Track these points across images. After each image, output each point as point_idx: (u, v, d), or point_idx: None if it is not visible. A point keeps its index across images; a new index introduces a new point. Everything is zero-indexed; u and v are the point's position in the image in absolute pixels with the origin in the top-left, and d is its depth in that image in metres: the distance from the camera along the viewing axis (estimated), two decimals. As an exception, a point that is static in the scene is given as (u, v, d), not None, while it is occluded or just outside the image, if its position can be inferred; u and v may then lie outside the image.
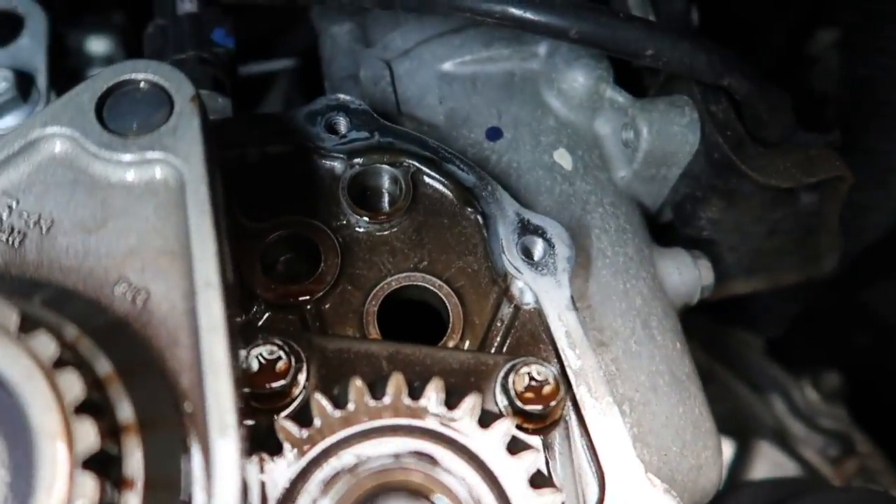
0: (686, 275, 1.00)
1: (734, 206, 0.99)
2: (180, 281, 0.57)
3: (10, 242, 0.58)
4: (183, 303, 0.57)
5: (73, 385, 0.45)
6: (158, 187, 0.61)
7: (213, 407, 0.51)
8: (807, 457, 1.40)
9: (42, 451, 0.43)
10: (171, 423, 0.51)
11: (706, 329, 1.46)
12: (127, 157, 0.61)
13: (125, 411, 0.48)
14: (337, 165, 0.87)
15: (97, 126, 0.62)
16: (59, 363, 0.46)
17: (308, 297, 0.79)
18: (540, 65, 1.03)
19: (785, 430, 1.44)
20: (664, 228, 1.15)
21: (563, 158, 0.98)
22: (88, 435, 0.44)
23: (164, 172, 0.61)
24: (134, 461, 0.46)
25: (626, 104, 0.98)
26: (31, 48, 1.00)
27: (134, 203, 0.61)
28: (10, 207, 0.59)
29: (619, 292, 0.91)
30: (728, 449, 1.43)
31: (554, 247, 0.82)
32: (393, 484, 0.54)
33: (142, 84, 0.65)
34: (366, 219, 0.83)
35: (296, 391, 0.69)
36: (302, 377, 0.69)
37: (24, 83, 0.96)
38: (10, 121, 0.95)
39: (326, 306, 0.79)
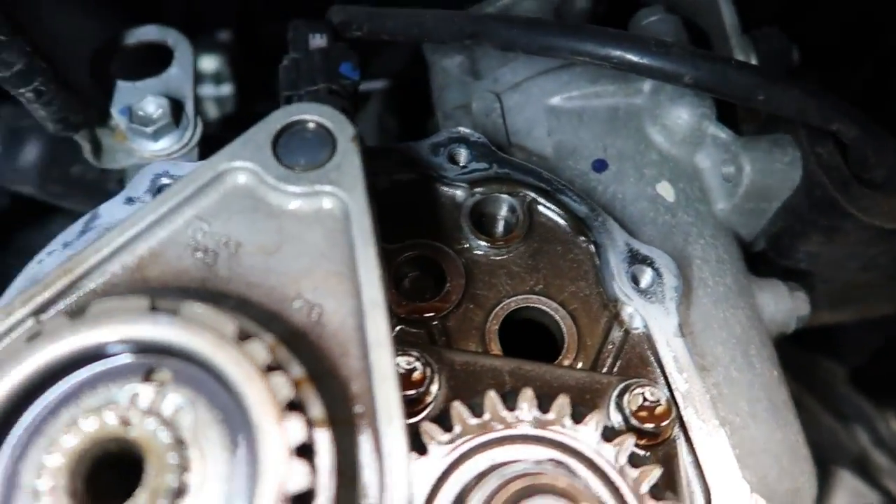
0: (783, 305, 1.04)
1: (832, 242, 1.03)
2: (348, 300, 0.65)
3: (206, 261, 0.67)
4: (352, 319, 0.65)
5: (283, 386, 0.53)
6: (325, 216, 0.70)
7: (382, 410, 0.59)
8: (890, 488, 1.40)
9: (263, 441, 0.51)
10: (348, 422, 0.59)
11: (793, 356, 1.48)
12: (299, 189, 0.70)
13: (316, 409, 0.56)
14: (458, 193, 0.94)
15: (273, 161, 0.71)
16: (270, 368, 0.54)
17: (434, 314, 0.87)
18: (644, 101, 1.08)
19: (868, 461, 1.45)
20: (756, 257, 1.19)
21: (665, 190, 1.03)
22: (297, 429, 0.52)
23: (330, 203, 0.70)
24: (325, 452, 0.54)
25: (728, 141, 1.03)
26: (180, 77, 1.12)
27: (305, 229, 0.69)
28: (202, 230, 0.69)
29: (720, 320, 0.96)
30: (809, 477, 1.44)
31: (662, 276, 0.88)
32: (541, 486, 0.60)
33: (309, 124, 0.73)
34: (486, 244, 0.91)
35: (428, 399, 0.77)
36: (434, 387, 0.77)
37: (175, 109, 1.07)
38: (164, 143, 1.06)
39: (451, 323, 0.86)
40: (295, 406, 0.54)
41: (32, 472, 0.52)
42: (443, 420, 0.71)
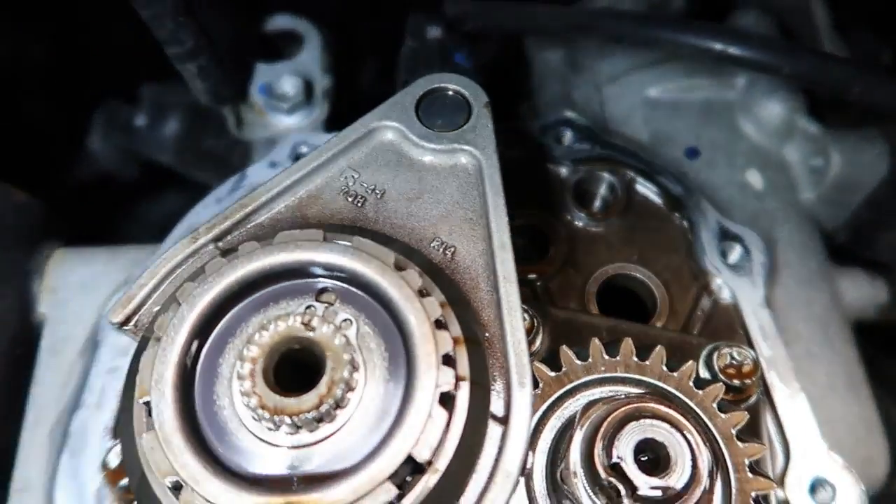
0: (862, 292, 1.10)
1: (916, 233, 1.08)
2: (479, 243, 0.75)
3: (356, 203, 0.78)
4: (481, 258, 0.75)
5: (434, 307, 0.64)
6: (460, 171, 0.80)
7: (510, 337, 0.69)
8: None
9: (420, 350, 0.61)
10: (480, 342, 0.69)
11: (868, 354, 1.51)
12: (438, 146, 0.80)
13: (455, 329, 0.66)
14: (563, 170, 1.04)
15: (416, 122, 0.82)
16: (422, 292, 0.65)
17: (538, 276, 0.96)
18: (737, 95, 1.15)
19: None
20: (837, 250, 1.24)
21: (754, 178, 1.11)
22: (445, 341, 0.62)
23: (465, 159, 0.80)
24: (464, 364, 0.64)
25: (818, 134, 1.10)
26: (310, 61, 1.25)
27: (442, 181, 0.80)
28: (353, 178, 0.80)
29: (802, 300, 1.02)
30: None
31: (750, 252, 0.95)
32: (645, 410, 0.69)
33: (449, 91, 0.84)
34: (587, 216, 1.00)
35: (534, 346, 0.86)
36: (539, 337, 0.86)
37: (307, 89, 1.20)
38: (296, 119, 1.19)
39: (552, 284, 0.96)
40: (440, 324, 0.64)
41: (231, 362, 0.64)
42: (552, 362, 0.81)
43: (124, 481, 0.80)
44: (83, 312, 0.94)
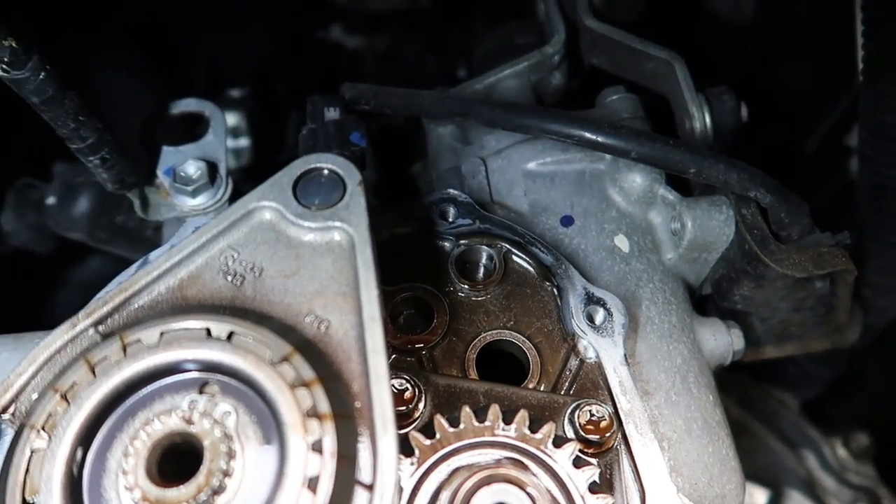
0: (721, 340, 1.23)
1: (762, 287, 1.21)
2: (351, 315, 0.83)
3: (234, 283, 0.85)
4: (353, 331, 0.82)
5: (306, 398, 0.72)
6: (335, 246, 0.88)
7: (377, 405, 0.77)
8: (836, 508, 1.56)
9: (292, 440, 0.69)
10: (349, 416, 0.77)
11: (747, 388, 1.66)
12: (314, 224, 0.88)
13: (324, 406, 0.73)
14: (447, 244, 1.14)
15: (293, 201, 0.89)
16: (293, 385, 0.73)
17: (423, 345, 1.05)
18: (606, 166, 1.28)
19: (816, 483, 1.61)
20: (704, 300, 1.38)
21: (621, 242, 1.23)
22: (315, 428, 0.70)
23: (339, 236, 0.88)
24: (331, 441, 0.72)
25: (674, 201, 1.23)
26: (214, 143, 1.32)
27: (318, 257, 0.87)
28: (233, 257, 0.87)
29: (664, 352, 1.14)
30: (762, 497, 1.61)
31: (612, 315, 1.07)
32: (498, 476, 0.78)
33: (324, 171, 0.92)
34: (468, 287, 1.10)
35: (416, 414, 0.95)
36: (421, 404, 0.95)
37: (211, 171, 1.27)
38: (201, 199, 1.26)
39: (437, 352, 1.05)
40: (310, 413, 0.72)
41: (118, 457, 0.70)
42: (428, 430, 0.90)
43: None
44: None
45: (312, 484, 0.69)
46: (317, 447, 0.70)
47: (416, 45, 2.28)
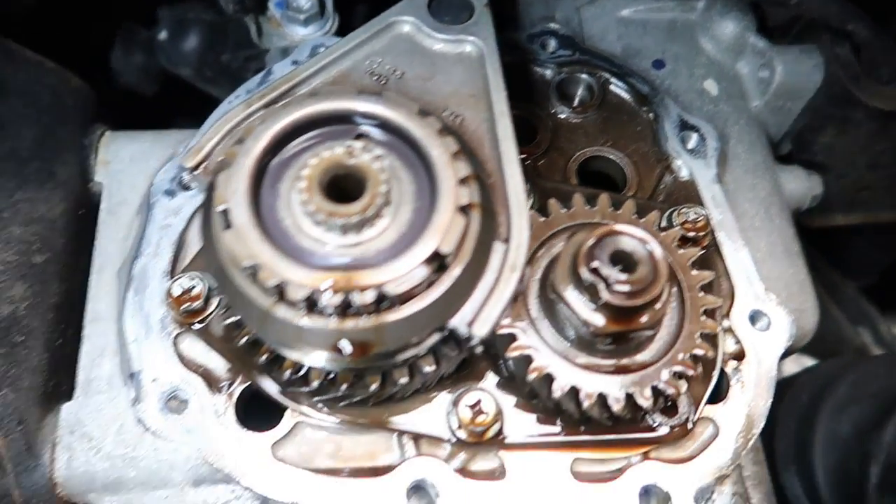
0: (800, 184, 1.29)
1: (845, 133, 1.27)
2: (482, 112, 0.92)
3: (380, 82, 0.94)
4: (484, 125, 0.91)
5: (452, 144, 0.80)
6: (465, 57, 0.96)
7: (509, 178, 0.86)
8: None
9: (442, 175, 0.77)
10: (486, 183, 0.85)
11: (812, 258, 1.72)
12: (448, 37, 0.96)
13: (467, 168, 0.82)
14: (548, 72, 1.20)
15: (429, 16, 0.98)
16: (441, 132, 0.81)
17: (526, 156, 1.12)
18: (697, 15, 1.33)
19: (868, 354, 1.69)
20: (780, 159, 1.44)
21: (711, 86, 1.29)
22: (461, 169, 0.78)
23: (470, 48, 0.96)
24: (475, 193, 0.80)
25: (765, 48, 1.28)
26: (321, -22, 1.38)
27: (450, 65, 0.96)
28: (377, 62, 0.96)
29: (748, 185, 1.21)
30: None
31: (705, 139, 1.13)
32: (619, 230, 0.85)
33: None
34: (568, 110, 1.17)
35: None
36: (530, 199, 1.03)
37: (320, 2, 1.34)
38: (311, 29, 1.33)
39: (541, 163, 1.13)
40: (457, 156, 0.81)
41: (288, 185, 0.79)
42: (542, 212, 0.98)
43: (186, 306, 0.95)
44: (136, 181, 1.09)
45: (464, 211, 0.77)
46: (463, 182, 0.79)
47: None
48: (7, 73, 0.98)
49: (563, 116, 1.17)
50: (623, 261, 0.83)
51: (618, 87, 1.19)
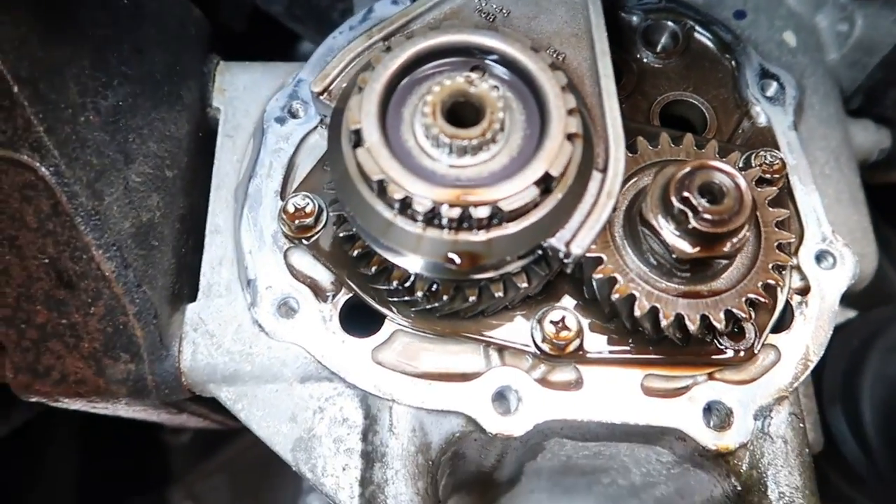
0: (870, 136, 1.34)
1: (918, 89, 1.31)
2: (584, 51, 0.99)
3: (488, 19, 1.01)
4: (585, 63, 0.98)
5: (562, 77, 0.87)
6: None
7: (608, 113, 0.93)
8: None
9: (552, 104, 0.85)
10: (586, 118, 0.93)
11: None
12: (550, -16, 1.03)
13: (574, 101, 0.89)
14: (634, 18, 1.26)
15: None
16: (552, 66, 0.88)
17: (612, 99, 1.19)
18: (780, -33, 1.36)
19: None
20: (851, 113, 1.48)
21: (789, 38, 1.33)
22: (569, 100, 0.86)
23: (572, -9, 1.03)
24: (579, 124, 0.88)
25: (846, 2, 1.31)
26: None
27: (554, 6, 1.02)
28: (486, 1, 1.02)
29: (821, 135, 1.26)
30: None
31: (784, 88, 1.19)
32: (708, 165, 0.93)
33: None
34: (652, 55, 1.23)
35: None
36: (616, 138, 1.10)
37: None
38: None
39: (625, 105, 1.19)
40: (565, 89, 0.88)
41: (411, 111, 0.88)
42: (631, 149, 1.05)
43: (298, 222, 1.05)
44: (250, 108, 1.18)
45: (571, 139, 0.85)
46: (571, 113, 0.86)
47: None
48: (143, 0, 1.07)
49: (647, 61, 1.23)
50: (709, 193, 0.91)
51: (701, 35, 1.24)
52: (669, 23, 1.24)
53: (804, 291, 1.06)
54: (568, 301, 1.05)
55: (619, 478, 1.32)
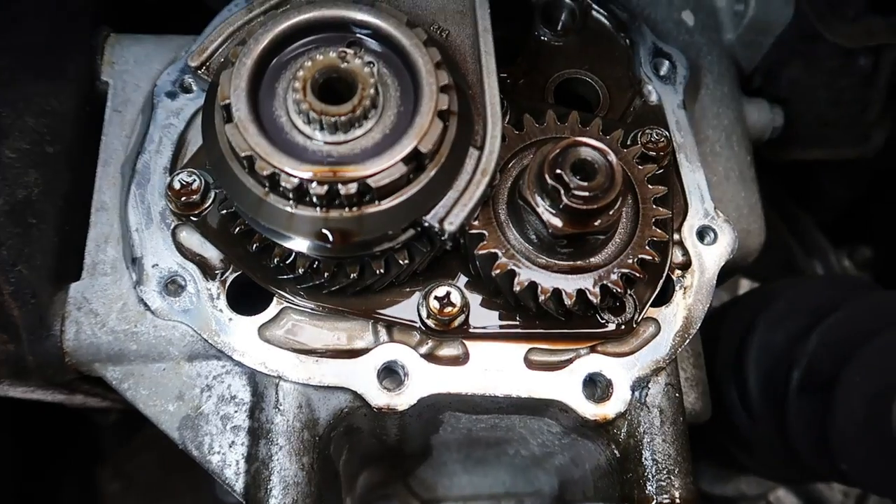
0: (763, 115, 1.38)
1: (810, 69, 1.35)
2: (467, 28, 0.99)
3: (372, -5, 1.00)
4: (468, 40, 0.98)
5: (435, 53, 0.87)
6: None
7: (487, 90, 0.94)
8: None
9: (425, 81, 0.85)
10: (465, 94, 0.93)
11: (773, 194, 1.82)
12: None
13: (448, 78, 0.90)
14: (533, -5, 1.26)
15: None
16: (426, 43, 0.88)
17: (506, 76, 1.20)
18: (679, -54, 1.38)
19: (814, 280, 1.81)
20: (749, 93, 1.51)
21: (688, 17, 1.35)
22: (443, 77, 0.86)
23: (457, -31, 1.02)
24: (454, 101, 0.88)
25: (741, -17, 1.34)
26: None
27: (438, -18, 1.02)
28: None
29: (713, 114, 1.29)
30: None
31: (676, 67, 1.21)
32: (582, 143, 0.95)
33: None
34: (550, 33, 1.23)
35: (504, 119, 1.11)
36: (507, 115, 1.11)
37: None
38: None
39: (521, 82, 1.20)
40: (439, 66, 0.88)
41: (284, 86, 0.87)
42: (518, 127, 1.06)
43: (184, 199, 1.04)
44: (139, 82, 1.15)
45: (443, 116, 0.86)
46: (444, 90, 0.87)
47: None
48: (19, -30, 1.03)
49: (546, 39, 1.24)
50: (583, 170, 0.93)
51: (598, 14, 1.26)
52: (568, 0, 1.25)
53: (685, 266, 1.10)
54: (461, 279, 1.06)
55: (522, 448, 1.35)
